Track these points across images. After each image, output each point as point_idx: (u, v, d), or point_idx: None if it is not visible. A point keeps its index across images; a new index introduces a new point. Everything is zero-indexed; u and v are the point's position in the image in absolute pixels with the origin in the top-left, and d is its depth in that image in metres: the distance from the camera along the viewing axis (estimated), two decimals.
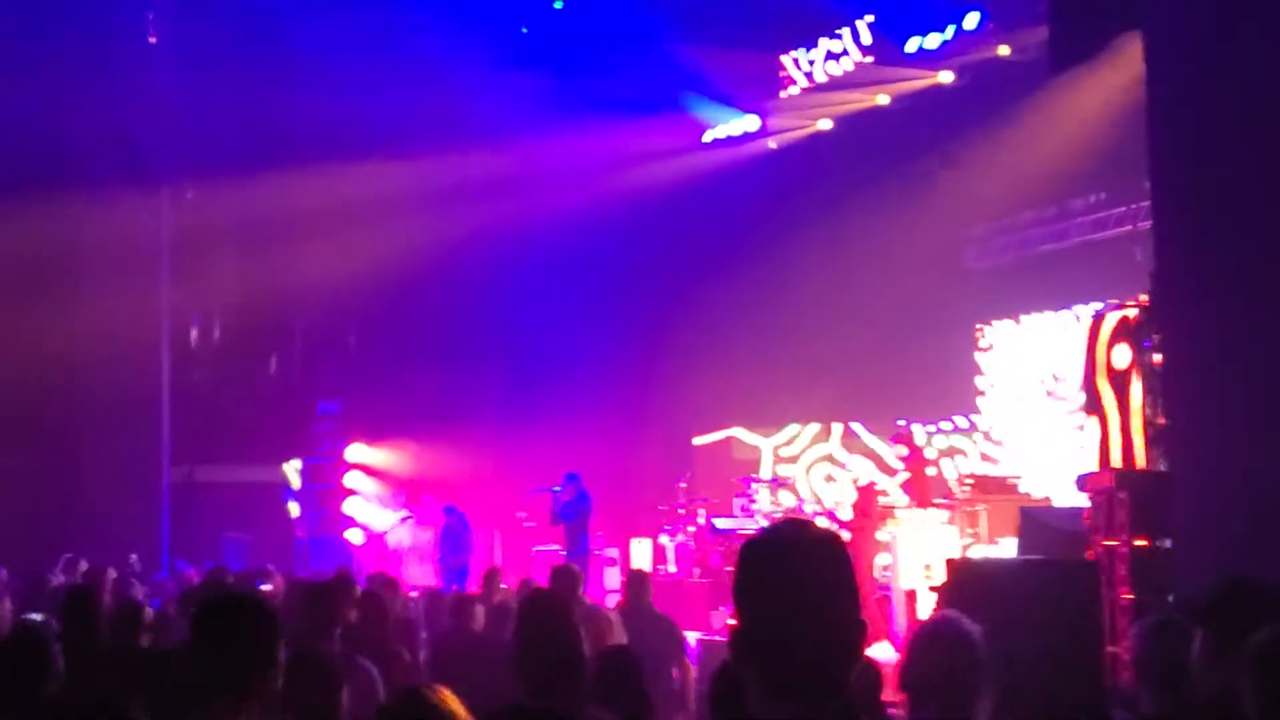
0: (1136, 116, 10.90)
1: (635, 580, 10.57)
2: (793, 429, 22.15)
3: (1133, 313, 11.75)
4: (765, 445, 22.35)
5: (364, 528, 22.31)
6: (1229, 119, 9.33)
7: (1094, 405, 12.57)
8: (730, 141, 22.01)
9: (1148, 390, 11.22)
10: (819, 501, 18.56)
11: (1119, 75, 13.12)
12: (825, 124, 20.87)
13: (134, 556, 16.38)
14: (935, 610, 10.86)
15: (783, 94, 20.55)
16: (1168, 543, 9.76)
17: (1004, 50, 17.81)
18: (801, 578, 2.57)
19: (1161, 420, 10.70)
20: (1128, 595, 9.74)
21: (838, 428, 21.62)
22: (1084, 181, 17.90)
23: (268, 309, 21.05)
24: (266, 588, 11.79)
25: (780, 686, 2.56)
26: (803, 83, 20.22)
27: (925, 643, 4.25)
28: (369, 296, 21.20)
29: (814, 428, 21.94)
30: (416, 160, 20.36)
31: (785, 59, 20.21)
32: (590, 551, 18.47)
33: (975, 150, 18.57)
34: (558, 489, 18.41)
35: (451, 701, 3.74)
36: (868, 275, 19.67)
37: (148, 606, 8.66)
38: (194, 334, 21.97)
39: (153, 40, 20.51)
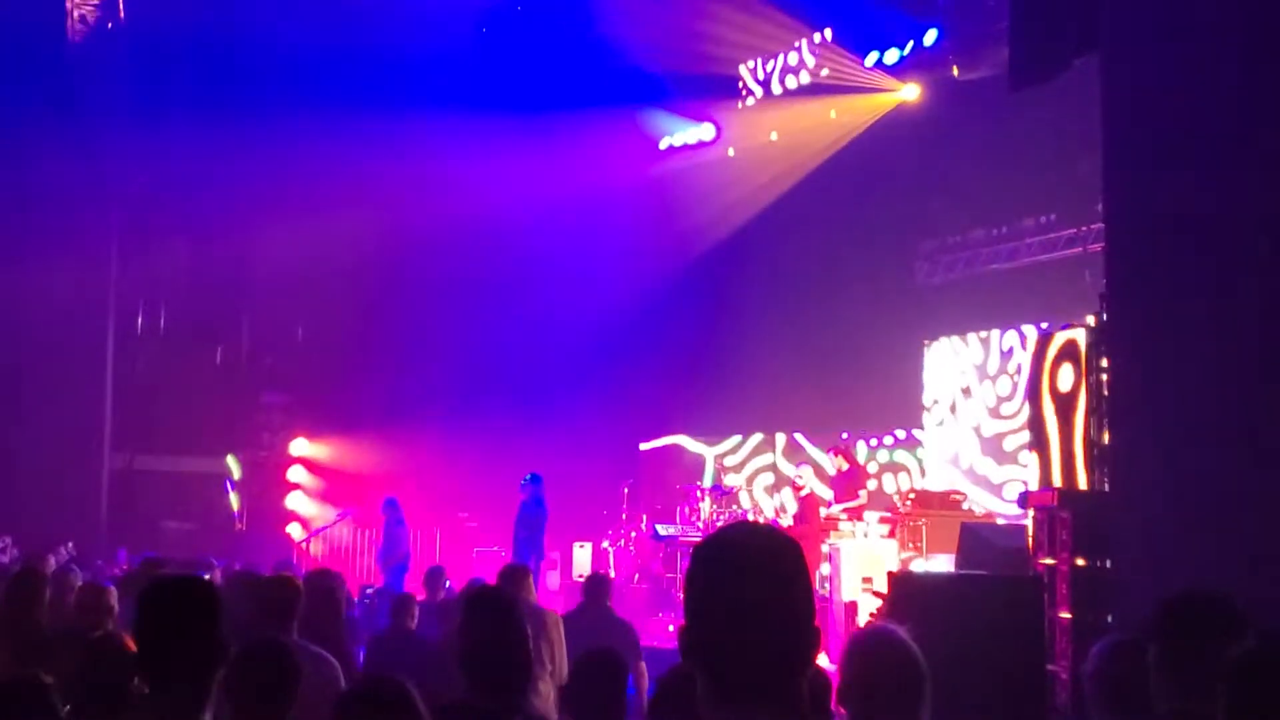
0: (1090, 139, 11.00)
1: (595, 583, 10.53)
2: (736, 439, 22.22)
3: (1079, 334, 11.84)
4: (709, 453, 22.42)
5: (304, 522, 22.20)
6: (1183, 143, 9.41)
7: (1037, 424, 12.66)
8: (685, 150, 22.07)
9: (1090, 411, 11.31)
10: (760, 511, 18.59)
11: (1076, 97, 13.21)
12: (778, 136, 20.91)
13: (69, 544, 16.21)
14: (870, 622, 10.92)
15: (740, 105, 20.63)
16: (1108, 562, 9.82)
17: (955, 71, 17.95)
18: (753, 580, 2.53)
19: (1105, 441, 10.78)
20: (1068, 614, 9.80)
21: (781, 438, 21.68)
22: (1035, 202, 18.04)
23: (215, 298, 20.91)
24: (205, 578, 11.68)
25: (729, 689, 2.52)
26: (759, 94, 20.32)
27: (865, 654, 4.22)
28: (317, 290, 21.10)
29: (757, 437, 22.00)
30: (370, 157, 20.28)
31: (743, 69, 20.28)
32: (542, 556, 18.34)
33: (928, 167, 18.69)
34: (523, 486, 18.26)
35: (412, 694, 3.73)
36: (818, 287, 19.75)
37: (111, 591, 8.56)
38: (140, 321, 21.76)
39: (110, 26, 20.34)
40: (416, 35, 20.11)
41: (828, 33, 19.30)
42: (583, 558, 19.51)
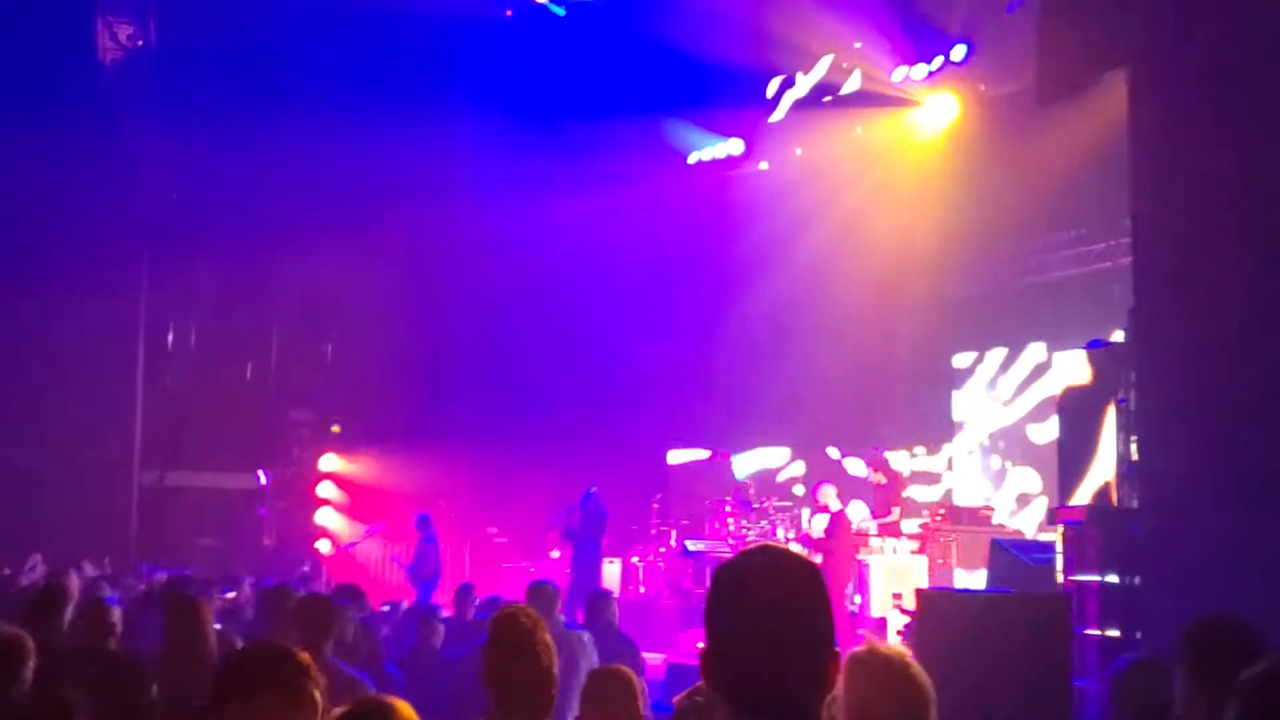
0: (1120, 153, 10.97)
1: (598, 600, 10.53)
2: (768, 451, 22.14)
3: (1108, 349, 11.80)
4: (741, 467, 22.35)
5: (334, 538, 22.26)
6: (1211, 158, 9.39)
7: (1067, 439, 12.61)
8: (715, 165, 22.08)
9: (1121, 427, 11.26)
10: (793, 525, 18.55)
11: (1105, 112, 13.17)
12: (807, 151, 20.90)
13: (104, 560, 16.31)
14: (906, 637, 10.89)
15: (769, 119, 20.63)
16: (1137, 580, 9.78)
17: (984, 87, 17.95)
18: (773, 602, 2.54)
19: (1134, 457, 10.73)
20: (1096, 631, 9.76)
21: (813, 452, 21.60)
22: (1064, 216, 17.98)
23: (246, 315, 21.01)
24: (230, 595, 11.73)
25: (747, 710, 2.53)
26: (787, 108, 20.33)
27: (861, 674, 4.15)
28: (347, 306, 21.18)
29: (786, 451, 21.93)
30: (400, 173, 20.37)
31: (772, 84, 20.28)
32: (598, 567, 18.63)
33: (958, 182, 18.64)
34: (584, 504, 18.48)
35: (411, 717, 3.72)
36: (849, 301, 19.72)
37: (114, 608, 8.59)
38: (170, 338, 21.87)
39: (141, 44, 20.51)
40: (446, 51, 20.19)
41: (857, 48, 19.29)
42: (612, 573, 19.49)
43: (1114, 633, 9.69)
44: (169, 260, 20.81)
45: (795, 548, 15.31)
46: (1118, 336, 11.66)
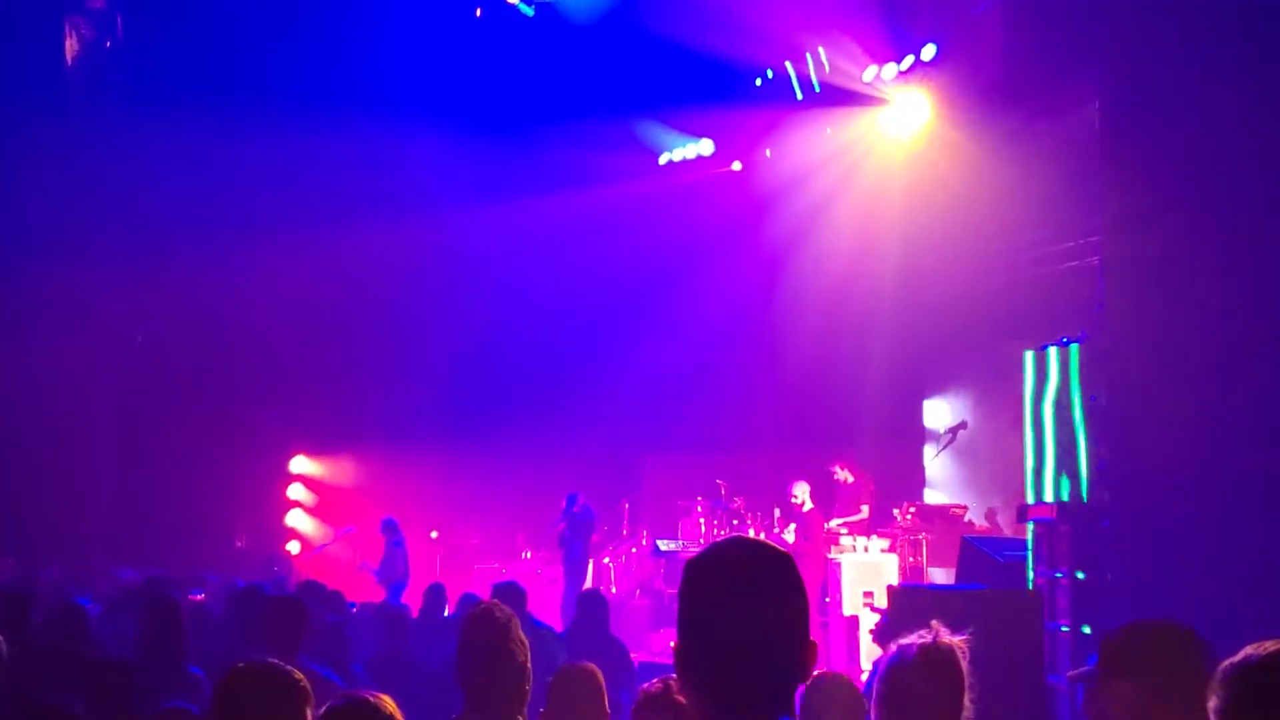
0: (1090, 152, 11.01)
1: (590, 601, 10.52)
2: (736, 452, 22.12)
3: (1076, 348, 11.84)
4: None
5: (304, 540, 22.18)
6: (1181, 154, 9.44)
7: (1036, 438, 12.65)
8: (686, 166, 22.08)
9: (1091, 425, 11.30)
10: (764, 526, 18.56)
11: (1074, 111, 13.22)
12: (778, 151, 20.92)
13: (60, 564, 16.19)
14: (877, 635, 10.90)
15: (740, 120, 20.65)
16: (1109, 576, 9.82)
17: (953, 86, 17.99)
18: (745, 594, 2.52)
19: (1105, 455, 10.78)
20: (1068, 627, 9.79)
21: (786, 453, 21.58)
22: (1035, 216, 18.02)
23: (214, 316, 20.87)
24: (199, 597, 11.68)
25: (722, 703, 2.50)
26: (758, 108, 20.34)
27: (915, 668, 4.17)
28: (316, 308, 21.08)
29: (761, 450, 21.90)
30: (367, 172, 20.30)
31: (742, 84, 20.29)
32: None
33: (928, 181, 18.67)
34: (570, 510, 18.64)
35: (394, 711, 3.71)
36: (818, 301, 19.74)
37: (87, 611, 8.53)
38: (138, 338, 21.73)
39: (108, 45, 20.42)
40: (412, 52, 20.14)
41: (826, 47, 19.30)
42: (587, 573, 19.51)
43: (1086, 629, 9.72)
44: (136, 260, 20.69)
45: None
46: (1086, 336, 11.68)
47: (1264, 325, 9.11)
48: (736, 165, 21.86)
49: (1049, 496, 11.79)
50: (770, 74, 19.90)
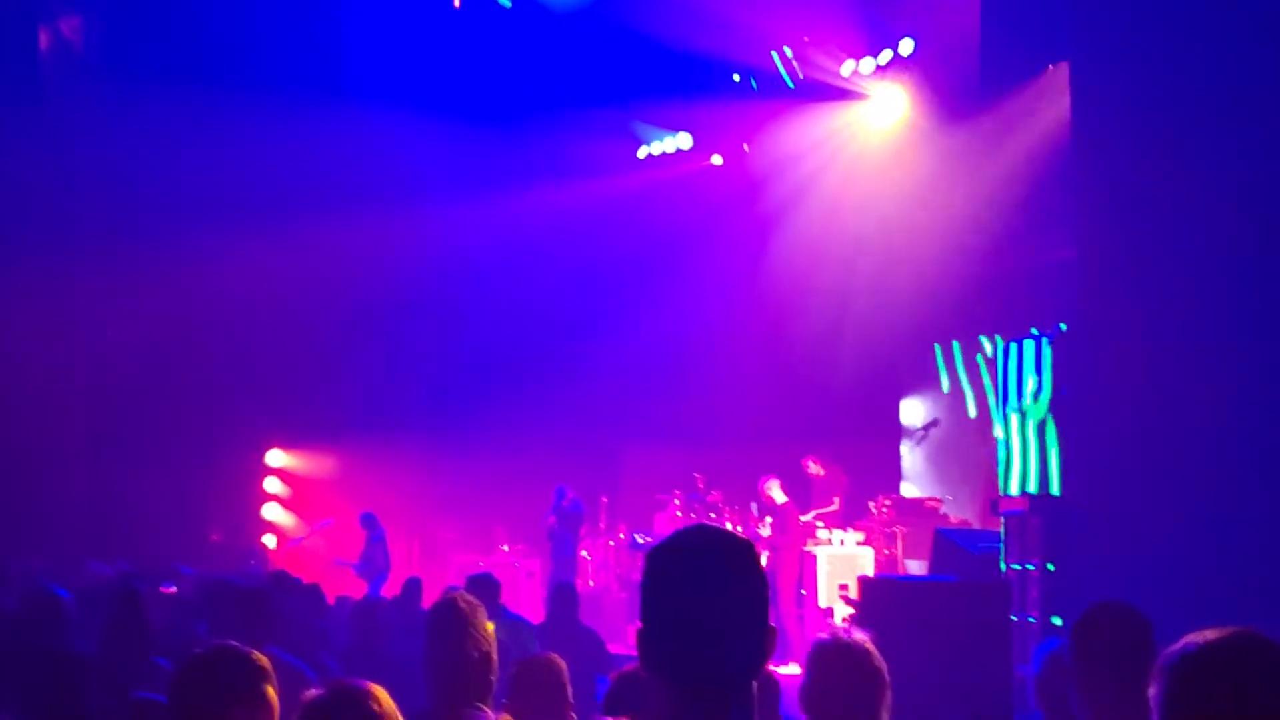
0: (1061, 146, 11.07)
1: (561, 593, 10.56)
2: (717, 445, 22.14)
3: (1051, 341, 11.91)
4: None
5: (280, 533, 22.15)
6: (1151, 148, 9.50)
7: (1009, 431, 12.71)
8: (665, 159, 22.10)
9: (1062, 417, 11.37)
10: (740, 519, 18.58)
11: (1050, 105, 13.27)
12: (756, 145, 20.95)
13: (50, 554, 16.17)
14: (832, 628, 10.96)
15: (718, 113, 20.68)
16: (1078, 567, 9.88)
17: (930, 80, 18.02)
18: (703, 580, 2.55)
19: (1076, 447, 10.85)
20: (1037, 618, 9.85)
21: (763, 448, 21.60)
22: (1011, 209, 18.07)
23: (189, 310, 20.81)
24: (170, 589, 11.68)
25: (683, 690, 2.54)
26: (737, 102, 20.39)
27: (824, 661, 4.26)
28: (293, 301, 21.03)
29: (738, 444, 21.92)
30: (343, 165, 20.27)
31: (721, 77, 20.33)
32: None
33: (906, 174, 18.72)
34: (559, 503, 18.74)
35: (385, 700, 3.72)
36: (797, 295, 19.79)
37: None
38: (112, 331, 21.64)
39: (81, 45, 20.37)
40: (389, 43, 20.13)
41: (804, 41, 19.35)
42: (576, 567, 19.55)
43: (1055, 620, 9.78)
44: (111, 251, 20.61)
45: None
46: (1059, 331, 11.75)
47: (1234, 320, 9.18)
48: (717, 159, 21.90)
49: (1019, 489, 11.88)
50: (748, 68, 19.94)
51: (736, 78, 20.27)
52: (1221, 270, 9.13)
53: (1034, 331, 12.27)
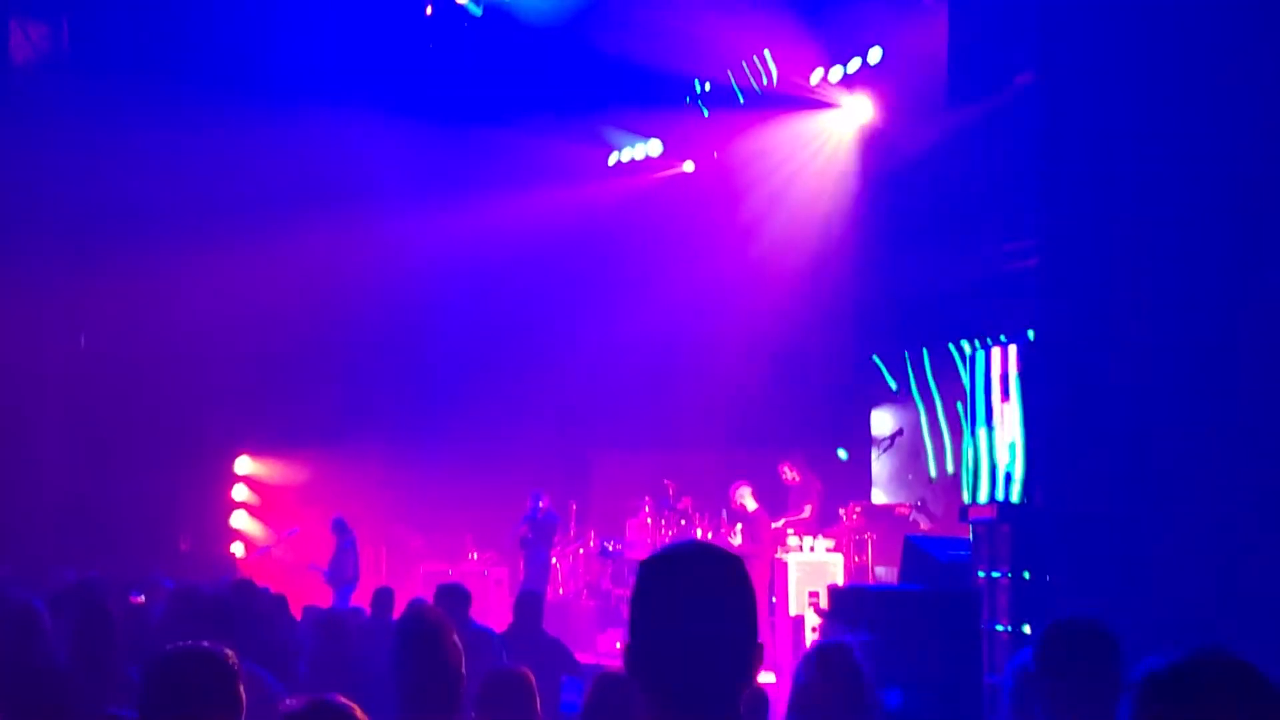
0: (1029, 156, 11.11)
1: (526, 602, 10.54)
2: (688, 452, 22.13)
3: (1016, 349, 11.93)
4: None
5: (249, 541, 22.06)
6: (1117, 160, 9.54)
7: (979, 438, 12.73)
8: (635, 166, 22.12)
9: (1032, 424, 11.39)
10: (711, 526, 18.60)
11: (1016, 113, 13.32)
12: (726, 152, 20.98)
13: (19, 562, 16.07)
14: (821, 635, 10.97)
15: (687, 120, 20.71)
16: (1048, 576, 9.90)
17: (898, 90, 18.07)
18: (695, 595, 2.55)
19: (1046, 454, 10.87)
20: (1007, 627, 9.86)
21: (733, 454, 21.62)
22: (978, 217, 18.11)
23: (159, 318, 20.73)
24: (139, 599, 11.60)
25: (671, 704, 2.54)
26: (706, 110, 20.42)
27: (815, 668, 4.25)
28: (261, 309, 20.95)
29: (709, 451, 21.93)
30: (309, 170, 20.21)
31: (691, 85, 20.35)
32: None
33: (874, 183, 18.77)
34: (532, 510, 18.74)
35: (359, 715, 3.71)
36: (767, 304, 19.81)
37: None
38: (82, 339, 21.54)
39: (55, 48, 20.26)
40: (361, 50, 20.08)
41: (773, 50, 19.38)
42: (549, 576, 19.54)
43: (1025, 629, 9.79)
44: (80, 260, 20.51)
45: None
46: (1028, 337, 11.77)
47: (1203, 325, 9.22)
48: (689, 166, 21.92)
49: (988, 496, 11.89)
50: (719, 76, 19.96)
51: (708, 86, 20.28)
52: (1190, 277, 9.18)
53: (1002, 339, 12.28)
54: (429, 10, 20.41)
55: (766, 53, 19.50)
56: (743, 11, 18.48)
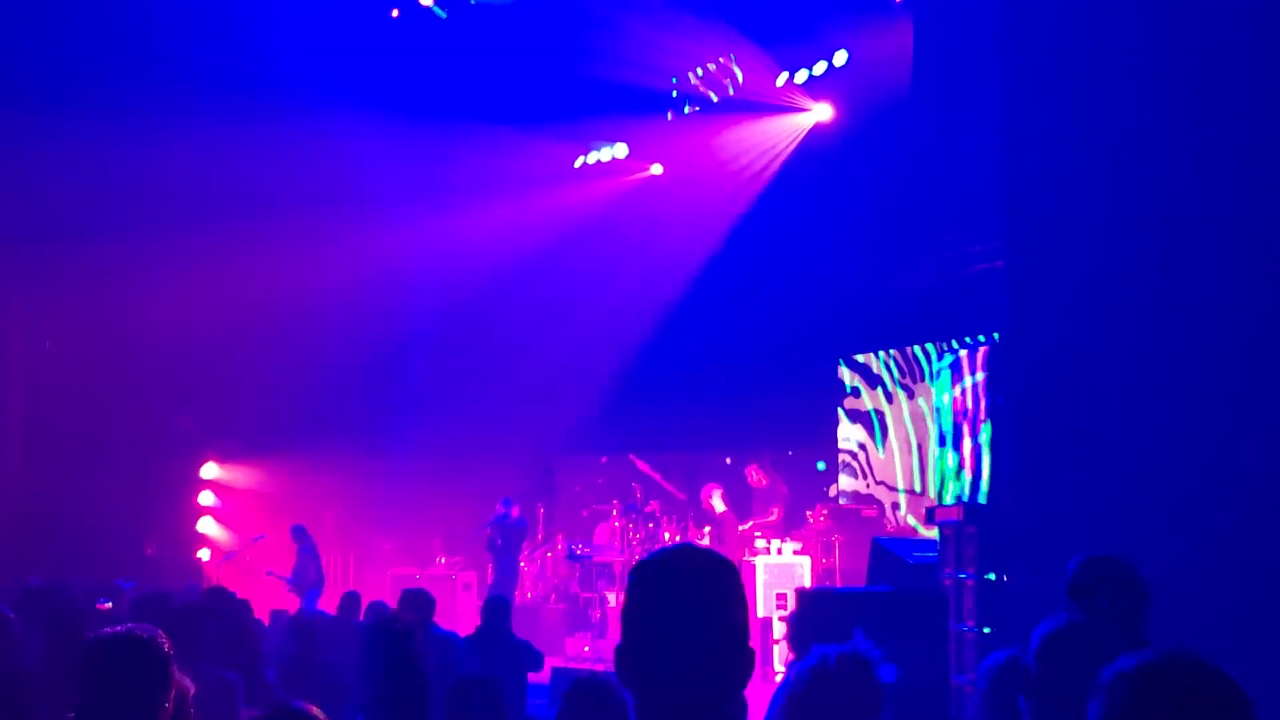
0: (995, 155, 11.15)
1: (494, 606, 10.53)
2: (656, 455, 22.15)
3: (985, 350, 12.00)
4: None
5: (215, 546, 21.96)
6: (1083, 158, 9.58)
7: (947, 438, 12.80)
8: (602, 169, 22.12)
9: (997, 425, 11.45)
10: (679, 529, 18.61)
11: (980, 113, 13.39)
12: (691, 155, 21.01)
13: None
14: (787, 640, 10.98)
15: (654, 124, 20.74)
16: (1014, 577, 9.93)
17: (864, 91, 18.12)
18: (687, 600, 2.55)
19: (1011, 455, 10.92)
20: (974, 627, 9.90)
21: (702, 457, 21.64)
22: (943, 219, 18.21)
23: (124, 323, 20.62)
24: (106, 605, 11.54)
25: (661, 707, 2.54)
26: (669, 114, 20.45)
27: (828, 682, 4.15)
28: (226, 312, 20.85)
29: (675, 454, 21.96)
30: (271, 171, 20.09)
31: (656, 89, 20.37)
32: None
33: (839, 185, 18.82)
34: (501, 515, 18.72)
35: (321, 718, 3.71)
36: (730, 304, 19.85)
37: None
38: (46, 344, 21.41)
39: None
40: (327, 51, 19.99)
41: (737, 54, 19.43)
42: (517, 580, 19.53)
43: (990, 630, 9.83)
44: (44, 264, 20.40)
45: None
46: (994, 339, 11.84)
47: (1169, 326, 9.27)
48: (657, 168, 21.93)
49: (954, 497, 11.96)
50: (684, 79, 19.99)
51: (674, 94, 20.32)
52: (1156, 278, 9.23)
53: (968, 341, 12.37)
54: (395, 13, 20.37)
55: (731, 56, 19.55)
56: (708, 15, 18.52)
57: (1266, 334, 9.00)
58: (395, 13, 20.42)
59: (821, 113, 19.33)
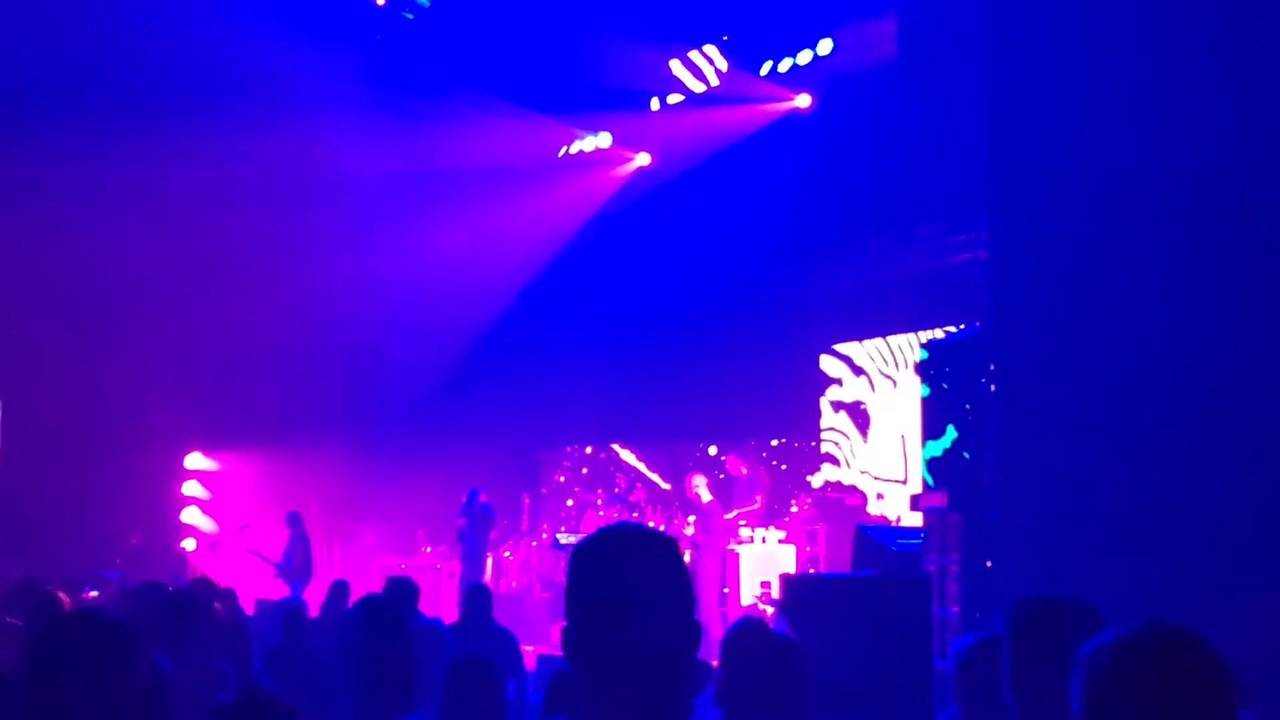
0: (979, 146, 11.17)
1: (475, 594, 10.55)
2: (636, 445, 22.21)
3: (969, 338, 12.01)
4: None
5: (200, 536, 21.94)
6: (1069, 146, 9.62)
7: (930, 425, 12.82)
8: (585, 159, 22.11)
9: (981, 413, 11.48)
10: (664, 518, 18.66)
11: (965, 101, 13.41)
12: (676, 144, 21.01)
13: None
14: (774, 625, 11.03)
15: (638, 114, 20.74)
16: (997, 563, 9.99)
17: (848, 81, 18.12)
18: (626, 577, 2.55)
19: (994, 443, 10.96)
20: (957, 612, 9.96)
21: (684, 446, 21.69)
22: (926, 209, 18.24)
23: (106, 313, 20.56)
24: (93, 594, 11.55)
25: (606, 689, 2.54)
26: (655, 103, 20.46)
27: (741, 650, 4.22)
28: (209, 301, 20.82)
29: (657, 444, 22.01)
30: (256, 157, 20.02)
31: (639, 78, 20.37)
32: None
33: (822, 174, 18.84)
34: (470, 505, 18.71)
35: (288, 705, 3.72)
36: (716, 292, 19.86)
37: None
38: (25, 333, 21.31)
39: None
40: (310, 41, 19.93)
41: (724, 41, 19.44)
42: (485, 567, 19.53)
43: (974, 615, 9.89)
44: (27, 254, 20.32)
45: None
46: (976, 328, 11.86)
47: (1155, 315, 9.31)
48: (645, 158, 21.91)
49: (938, 485, 11.97)
50: (668, 68, 19.99)
51: (660, 83, 20.31)
52: (1141, 268, 9.27)
53: (951, 329, 12.40)
54: (381, 1, 20.35)
55: (715, 46, 19.56)
56: (691, 5, 18.53)
57: (1248, 322, 9.05)
58: (381, 1, 20.41)
59: (803, 102, 19.34)
